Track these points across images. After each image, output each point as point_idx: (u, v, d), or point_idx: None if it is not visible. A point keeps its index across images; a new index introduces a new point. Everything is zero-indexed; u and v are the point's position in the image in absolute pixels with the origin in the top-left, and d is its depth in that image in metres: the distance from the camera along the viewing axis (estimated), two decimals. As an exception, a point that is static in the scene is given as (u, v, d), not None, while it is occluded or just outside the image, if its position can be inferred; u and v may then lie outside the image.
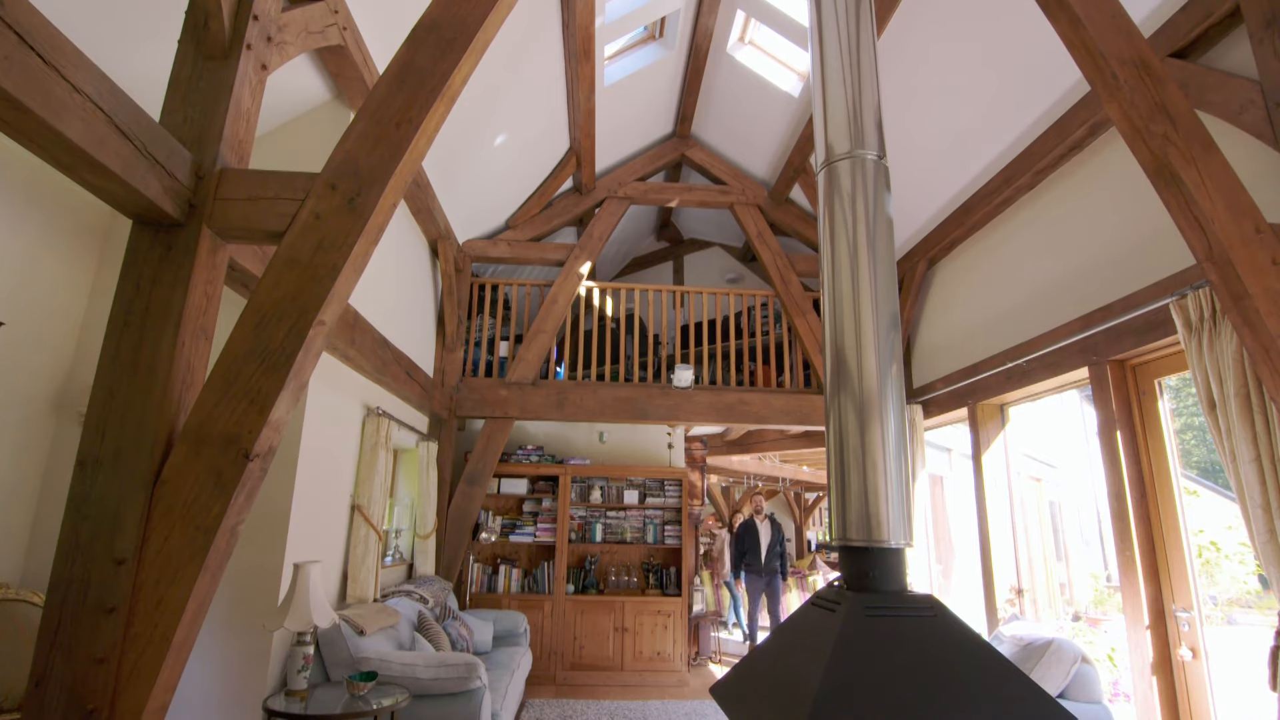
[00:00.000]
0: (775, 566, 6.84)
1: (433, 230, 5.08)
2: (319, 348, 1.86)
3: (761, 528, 6.99)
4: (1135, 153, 2.66)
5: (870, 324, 1.75)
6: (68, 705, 1.57)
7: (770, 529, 7.00)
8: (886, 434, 1.69)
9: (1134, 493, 3.33)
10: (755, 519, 7.09)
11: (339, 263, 1.79)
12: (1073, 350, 3.69)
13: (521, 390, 5.56)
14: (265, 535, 3.17)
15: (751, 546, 6.93)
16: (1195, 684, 3.07)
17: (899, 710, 1.35)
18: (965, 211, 4.63)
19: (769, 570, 6.83)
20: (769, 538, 6.92)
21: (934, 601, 1.58)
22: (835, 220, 1.81)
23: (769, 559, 6.85)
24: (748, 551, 6.95)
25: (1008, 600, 4.44)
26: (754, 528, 7.01)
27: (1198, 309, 2.74)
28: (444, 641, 4.03)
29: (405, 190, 2.05)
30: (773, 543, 6.90)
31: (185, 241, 1.89)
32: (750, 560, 6.92)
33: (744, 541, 7.02)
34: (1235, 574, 6.31)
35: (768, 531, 6.95)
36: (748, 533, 7.02)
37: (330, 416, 3.66)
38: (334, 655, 3.15)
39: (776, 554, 6.87)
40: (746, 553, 6.96)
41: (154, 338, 1.81)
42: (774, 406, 5.71)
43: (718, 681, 1.90)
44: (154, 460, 1.72)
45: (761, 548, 6.88)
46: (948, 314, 5.15)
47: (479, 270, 6.52)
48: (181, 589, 1.65)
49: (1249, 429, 2.50)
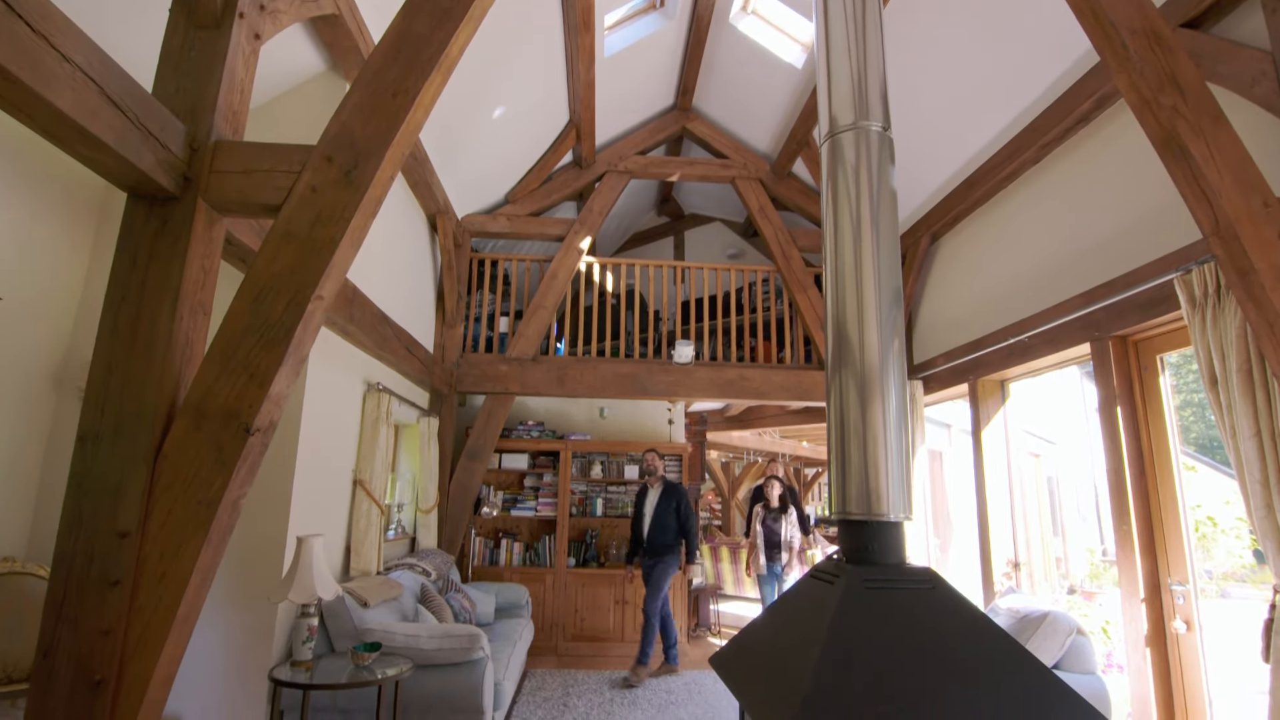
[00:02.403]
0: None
1: (431, 205, 5.03)
2: (318, 322, 1.85)
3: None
4: (1143, 125, 2.62)
5: (872, 299, 1.74)
6: (75, 675, 1.59)
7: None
8: (887, 409, 1.69)
9: (1133, 468, 3.35)
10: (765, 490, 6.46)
11: (337, 236, 1.78)
12: (1075, 326, 3.67)
13: (522, 366, 5.56)
14: (268, 509, 3.19)
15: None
16: (1188, 656, 3.11)
17: (898, 681, 1.37)
18: (969, 186, 4.58)
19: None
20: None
21: (932, 574, 1.60)
22: (838, 193, 1.79)
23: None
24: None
25: (1004, 574, 4.48)
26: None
27: (1202, 284, 2.72)
28: (447, 613, 4.08)
29: (403, 163, 2.02)
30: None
31: (181, 215, 1.87)
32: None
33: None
34: (1231, 548, 6.36)
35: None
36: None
37: (331, 392, 3.66)
38: (338, 627, 3.19)
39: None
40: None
41: (152, 312, 1.80)
42: (774, 382, 5.71)
43: (717, 652, 1.92)
44: (154, 435, 1.72)
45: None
46: (950, 290, 5.12)
47: (478, 245, 6.48)
48: (185, 562, 1.66)
49: (1250, 405, 2.49)
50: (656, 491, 5.31)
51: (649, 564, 5.11)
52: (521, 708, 4.17)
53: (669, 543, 5.13)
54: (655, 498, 5.28)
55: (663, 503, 5.23)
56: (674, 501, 5.24)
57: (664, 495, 5.27)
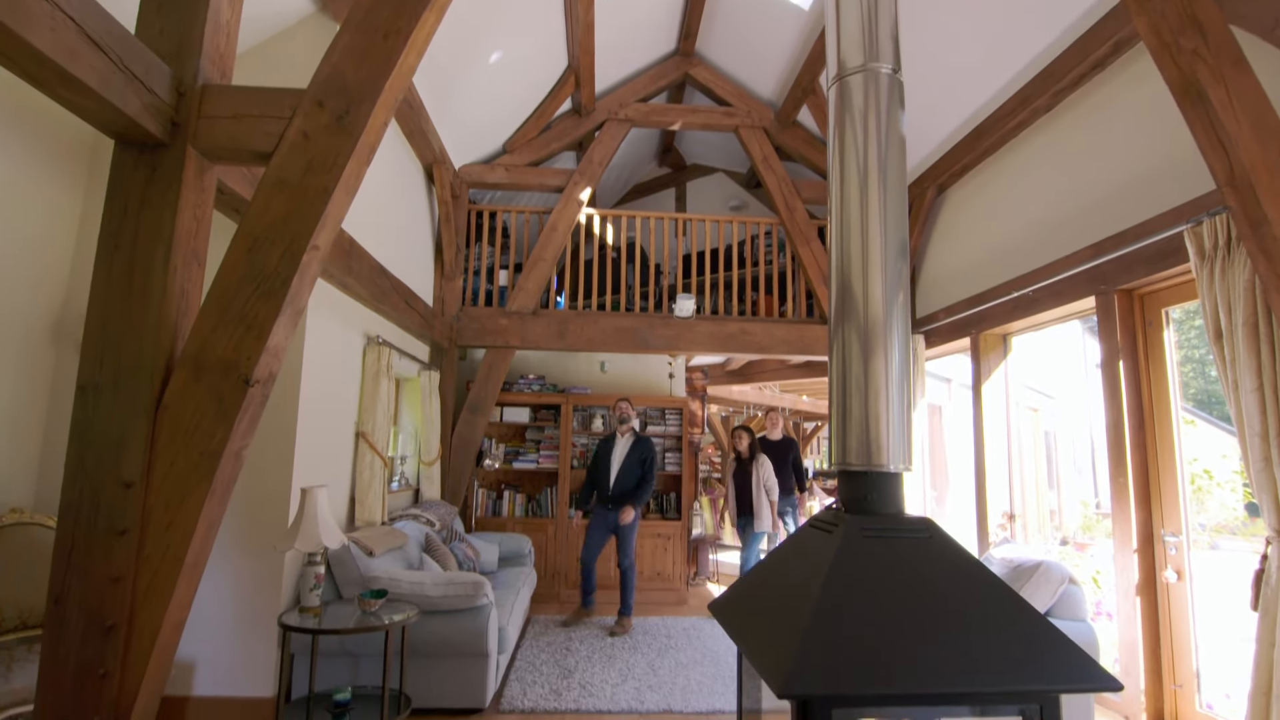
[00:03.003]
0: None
1: (427, 154, 4.93)
2: (314, 273, 1.83)
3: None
4: (1162, 69, 2.54)
5: (878, 251, 1.71)
6: (87, 622, 1.63)
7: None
8: (890, 362, 1.68)
9: (1132, 421, 3.36)
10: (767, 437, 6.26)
11: (330, 184, 1.74)
12: (1081, 279, 3.63)
13: (522, 320, 5.53)
14: (272, 461, 3.22)
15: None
16: (1177, 604, 3.18)
17: (895, 626, 1.40)
18: (978, 135, 4.47)
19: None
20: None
21: (930, 524, 1.61)
22: (845, 139, 1.74)
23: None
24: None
25: (999, 525, 4.55)
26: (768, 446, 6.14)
27: (1212, 236, 2.68)
28: (451, 562, 4.16)
29: (396, 109, 1.96)
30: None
31: (170, 162, 1.82)
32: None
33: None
34: (1225, 501, 6.45)
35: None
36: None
37: (331, 345, 3.65)
38: (344, 575, 3.25)
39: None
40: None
41: (145, 262, 1.77)
42: (775, 336, 5.70)
43: (716, 599, 1.96)
44: (154, 386, 1.72)
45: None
46: (955, 243, 5.06)
47: (476, 197, 6.37)
48: (190, 511, 1.67)
49: (1254, 358, 2.48)
50: (626, 442, 5.17)
51: (613, 515, 5.02)
52: (525, 652, 4.30)
53: (632, 492, 5.06)
54: (625, 448, 5.14)
55: (632, 454, 5.11)
56: (643, 454, 5.13)
57: (634, 447, 5.14)
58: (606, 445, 5.23)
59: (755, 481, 5.59)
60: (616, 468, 5.08)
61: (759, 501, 5.54)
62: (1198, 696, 3.09)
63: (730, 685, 3.75)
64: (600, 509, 5.07)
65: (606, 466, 5.11)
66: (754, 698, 1.92)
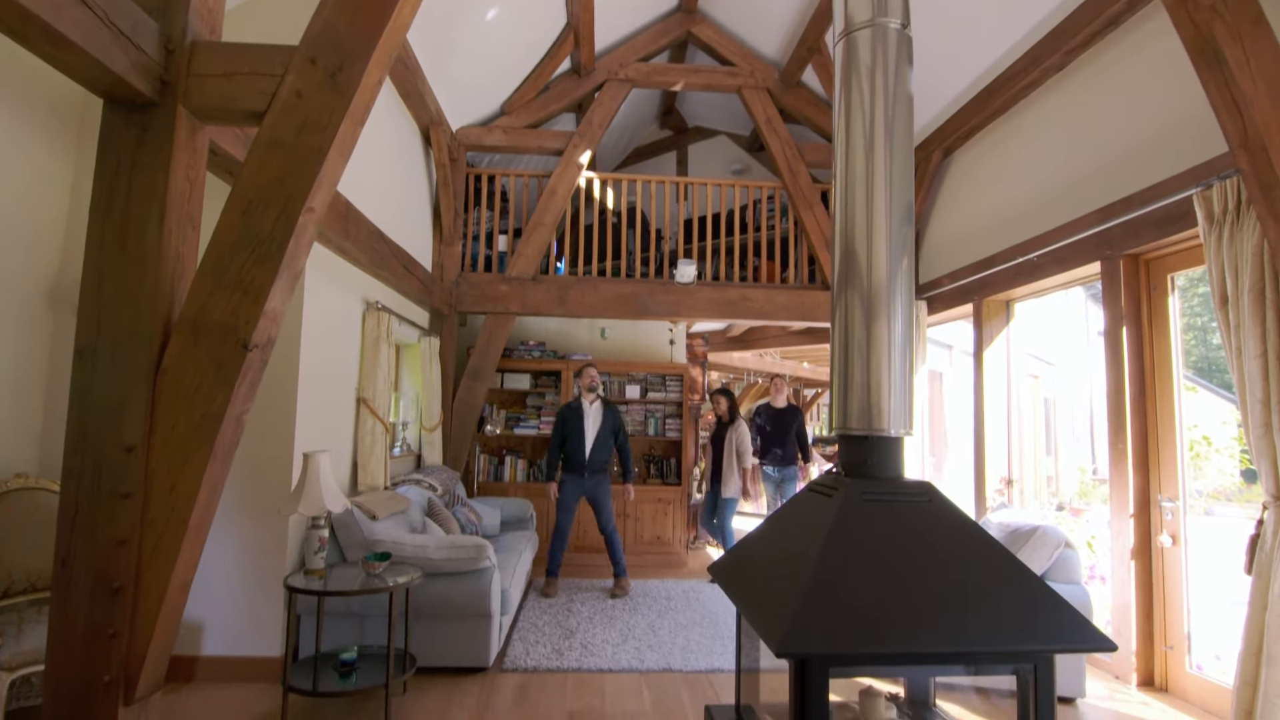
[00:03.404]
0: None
1: (424, 116, 4.83)
2: (310, 236, 1.80)
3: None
4: (1178, 27, 2.47)
5: (883, 214, 1.68)
6: (94, 583, 1.65)
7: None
8: (893, 328, 1.67)
9: (1133, 387, 3.36)
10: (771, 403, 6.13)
11: (325, 145, 1.70)
12: (1087, 244, 3.60)
13: (522, 285, 5.50)
14: (274, 426, 3.23)
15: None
16: (1171, 567, 3.22)
17: (893, 587, 1.41)
18: (986, 96, 4.38)
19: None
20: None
21: (929, 487, 1.62)
22: (851, 98, 1.70)
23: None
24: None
25: (997, 490, 4.59)
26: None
27: (1222, 200, 2.64)
28: (454, 526, 4.21)
29: (391, 67, 1.91)
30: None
31: (161, 122, 1.78)
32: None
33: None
34: (1223, 467, 6.49)
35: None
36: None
37: (330, 310, 3.63)
38: (348, 538, 3.29)
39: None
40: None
41: (139, 226, 1.75)
42: (777, 303, 5.67)
43: (716, 561, 1.98)
44: (153, 350, 1.71)
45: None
46: (960, 208, 4.99)
47: (474, 160, 6.27)
48: (192, 475, 1.68)
49: (1259, 325, 2.47)
50: (596, 410, 5.08)
51: (590, 483, 4.99)
52: (528, 613, 4.37)
53: (607, 460, 5.08)
54: (596, 416, 5.07)
55: (605, 422, 5.08)
56: (615, 424, 5.12)
57: (606, 415, 5.10)
58: (575, 414, 5.07)
59: (728, 447, 5.49)
60: (592, 436, 5.02)
61: (729, 468, 5.44)
62: (1188, 658, 3.15)
63: (729, 646, 3.82)
64: (575, 478, 5.00)
65: (580, 435, 5.01)
66: (752, 657, 1.95)
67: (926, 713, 1.87)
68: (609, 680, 3.35)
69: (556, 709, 2.99)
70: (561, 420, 5.08)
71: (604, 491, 5.02)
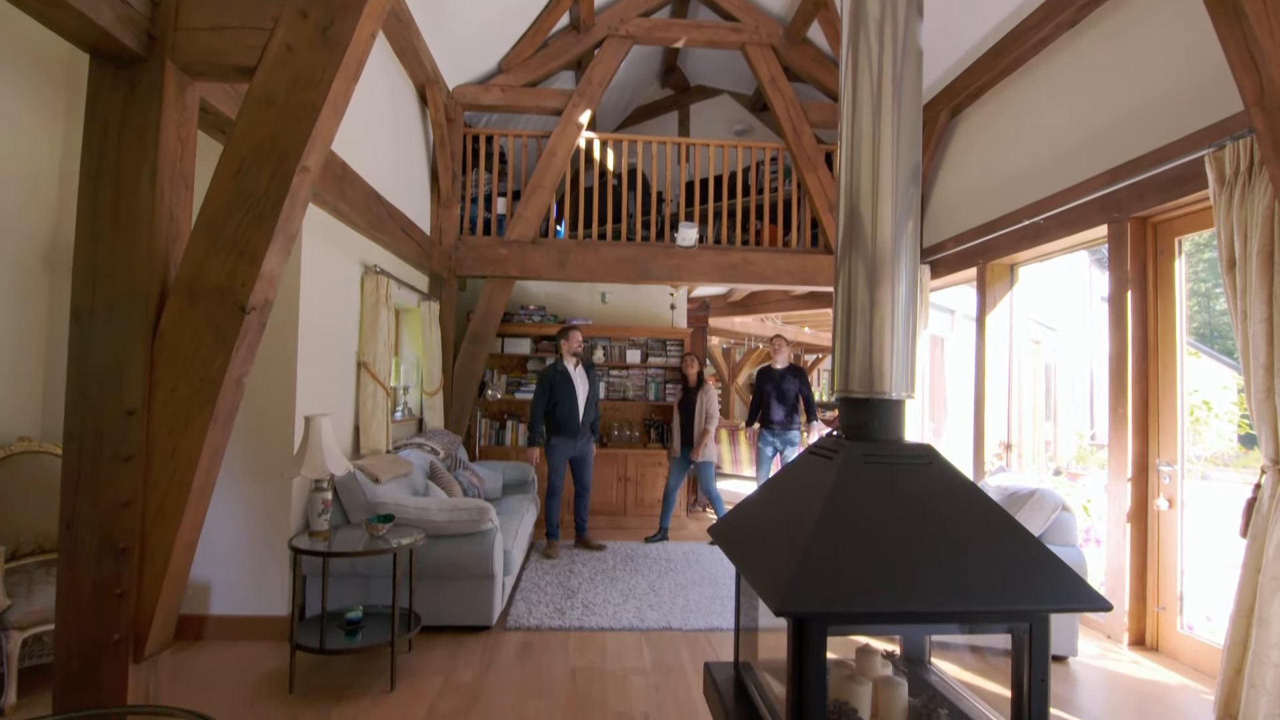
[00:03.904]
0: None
1: (420, 74, 4.72)
2: (305, 196, 1.77)
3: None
4: (1198, -22, 2.38)
5: (889, 174, 1.65)
6: (100, 544, 1.66)
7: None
8: (897, 291, 1.65)
9: (1135, 351, 3.35)
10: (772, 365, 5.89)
11: (318, 101, 1.66)
12: (1094, 207, 3.54)
13: (521, 249, 5.45)
14: (275, 391, 3.23)
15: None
16: (1167, 530, 3.25)
17: (893, 546, 1.42)
18: (996, 54, 4.26)
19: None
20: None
21: (929, 450, 1.62)
22: (859, 52, 1.65)
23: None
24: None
25: (996, 454, 4.61)
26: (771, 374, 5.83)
27: (1234, 161, 2.59)
28: (456, 489, 4.25)
29: (384, 20, 1.85)
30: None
31: (149, 78, 1.74)
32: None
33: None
34: (1223, 433, 6.52)
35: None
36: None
37: (328, 274, 3.60)
38: (352, 500, 3.32)
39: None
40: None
41: (131, 186, 1.72)
42: (779, 267, 5.62)
43: (715, 523, 2.00)
44: (149, 313, 1.69)
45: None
46: (966, 169, 4.91)
47: (472, 120, 6.16)
48: (194, 438, 1.68)
49: (1266, 288, 2.44)
50: (581, 372, 5.09)
51: (581, 443, 5.05)
52: (530, 573, 4.44)
53: (595, 420, 5.20)
54: (583, 378, 5.09)
55: (592, 382, 5.15)
56: (597, 380, 5.24)
57: (590, 375, 5.17)
58: (565, 377, 5.03)
59: (699, 411, 5.45)
60: (583, 399, 5.04)
61: (700, 432, 5.40)
62: (1179, 618, 3.21)
63: (728, 605, 3.89)
64: (566, 441, 5.01)
65: (572, 398, 5.00)
66: (751, 616, 1.98)
67: (922, 670, 1.90)
68: (610, 638, 3.41)
69: (559, 665, 3.06)
70: (549, 384, 5.01)
71: (590, 451, 5.17)
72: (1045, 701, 1.42)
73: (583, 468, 5.15)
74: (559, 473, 5.02)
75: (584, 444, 5.10)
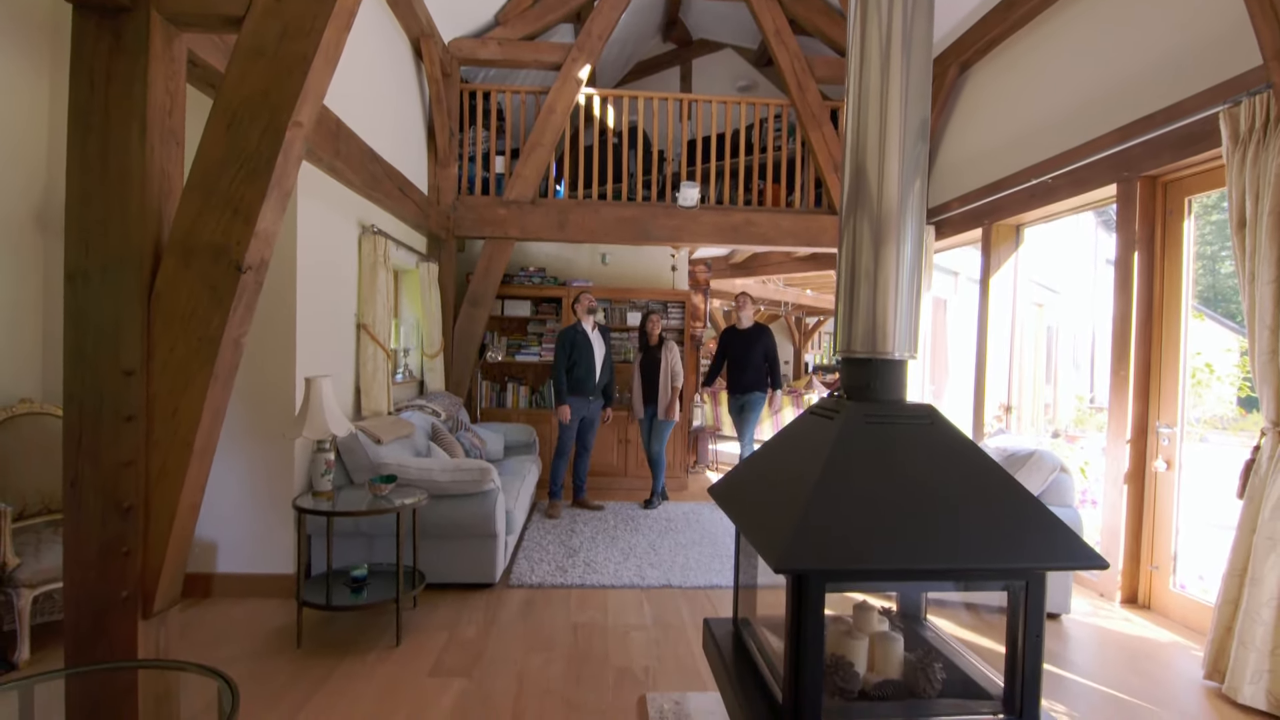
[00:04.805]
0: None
1: (414, 26, 4.59)
2: (298, 153, 1.73)
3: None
4: (1222, -77, 2.30)
5: (896, 130, 1.61)
6: (105, 504, 1.67)
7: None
8: (902, 251, 1.62)
9: (1140, 312, 3.32)
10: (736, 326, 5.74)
11: (309, 52, 1.61)
12: (1103, 165, 3.48)
13: (520, 209, 5.37)
14: (274, 352, 3.22)
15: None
16: (1164, 492, 3.28)
17: (893, 504, 1.43)
18: (1008, 6, 4.14)
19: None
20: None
21: (931, 410, 1.61)
22: (868, 4, 1.59)
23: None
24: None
25: (995, 416, 4.63)
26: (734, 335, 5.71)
27: (1249, 118, 2.52)
28: (458, 450, 4.27)
29: (376, -34, 1.79)
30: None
31: (134, 29, 1.68)
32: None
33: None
34: (1224, 395, 6.53)
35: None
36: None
37: (325, 233, 3.56)
38: (354, 461, 3.34)
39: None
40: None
41: (120, 142, 1.68)
42: (782, 228, 5.55)
43: (716, 483, 2.01)
44: (144, 272, 1.67)
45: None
46: (974, 128, 4.81)
47: (468, 75, 6.01)
48: (194, 398, 1.68)
49: (1276, 249, 2.41)
50: (597, 335, 5.17)
51: (595, 404, 5.16)
52: (532, 533, 4.50)
53: (609, 383, 5.29)
54: (599, 340, 5.17)
55: (606, 345, 5.24)
56: (609, 343, 5.33)
57: (605, 338, 5.27)
58: (584, 337, 5.08)
59: (664, 370, 5.36)
60: (600, 360, 5.14)
61: (664, 391, 5.34)
62: (1172, 578, 3.26)
63: (727, 564, 3.95)
64: (580, 401, 5.07)
65: (590, 360, 5.06)
66: (750, 574, 2.01)
67: (917, 626, 1.93)
68: (611, 595, 3.47)
69: (561, 621, 3.12)
70: (569, 344, 5.06)
71: (597, 414, 5.25)
72: (1039, 657, 1.44)
73: (588, 430, 5.22)
74: (568, 431, 5.07)
75: (596, 405, 5.19)
